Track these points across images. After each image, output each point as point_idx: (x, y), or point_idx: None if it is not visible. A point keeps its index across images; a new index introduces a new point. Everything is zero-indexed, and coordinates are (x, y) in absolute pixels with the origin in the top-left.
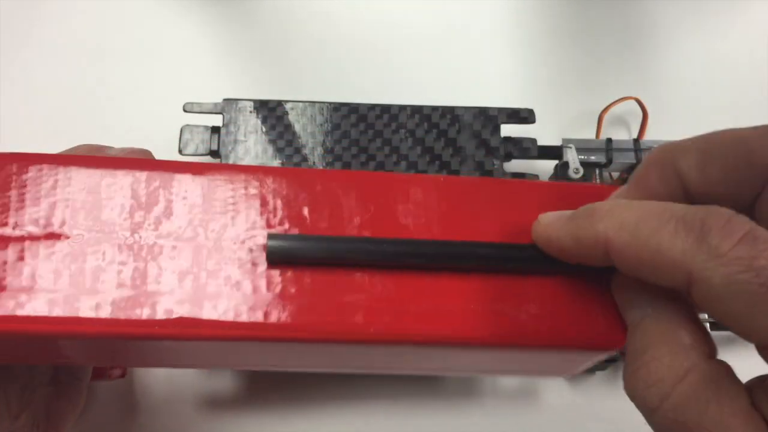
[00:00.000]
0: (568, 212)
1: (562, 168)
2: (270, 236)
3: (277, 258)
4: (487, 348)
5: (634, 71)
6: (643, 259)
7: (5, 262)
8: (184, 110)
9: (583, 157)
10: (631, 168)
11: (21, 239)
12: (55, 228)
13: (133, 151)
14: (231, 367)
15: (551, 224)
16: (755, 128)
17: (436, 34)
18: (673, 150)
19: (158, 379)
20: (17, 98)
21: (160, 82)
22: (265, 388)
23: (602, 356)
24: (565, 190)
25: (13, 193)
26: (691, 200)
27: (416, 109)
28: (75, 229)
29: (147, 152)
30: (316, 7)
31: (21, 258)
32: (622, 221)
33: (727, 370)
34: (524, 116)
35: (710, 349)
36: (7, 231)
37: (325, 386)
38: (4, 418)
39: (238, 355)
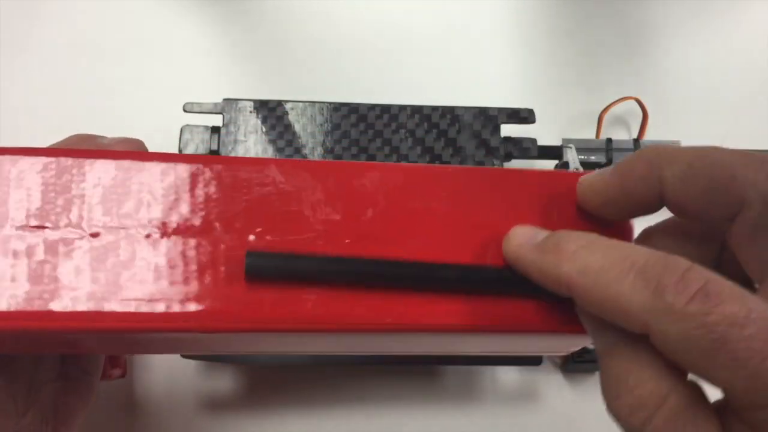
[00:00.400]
0: (539, 236)
1: (562, 168)
2: (249, 254)
3: (254, 275)
4: (467, 334)
5: (634, 71)
6: (604, 308)
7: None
8: (184, 110)
9: (583, 157)
10: None
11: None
12: (42, 222)
13: (125, 140)
14: (222, 352)
15: (521, 247)
16: (744, 156)
17: (436, 34)
18: (662, 155)
19: (158, 379)
20: (17, 98)
21: (160, 82)
22: (265, 388)
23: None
24: (550, 178)
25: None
26: (665, 205)
27: (416, 109)
28: (61, 223)
29: (140, 142)
30: (316, 7)
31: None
32: (585, 267)
33: (699, 393)
34: (524, 116)
35: (684, 371)
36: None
37: (325, 386)
38: (11, 415)
39: (228, 343)
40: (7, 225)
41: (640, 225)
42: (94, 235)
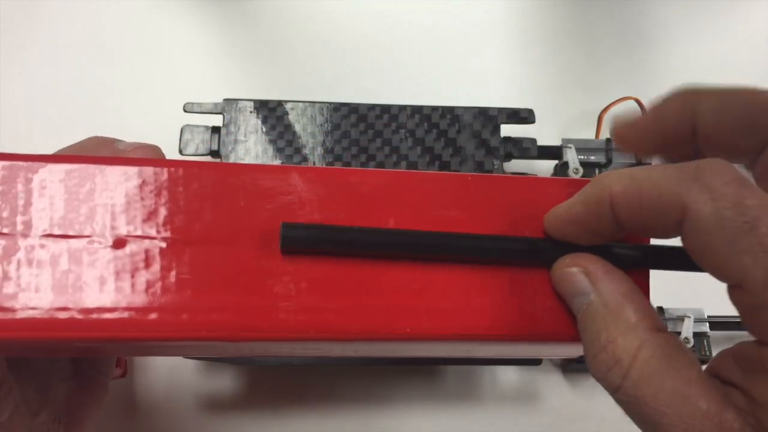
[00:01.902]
0: None
1: (562, 168)
2: (284, 225)
3: (290, 246)
4: (504, 342)
5: (634, 71)
6: (644, 199)
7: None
8: (185, 110)
9: (582, 157)
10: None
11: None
12: (66, 231)
13: (143, 146)
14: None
15: (561, 205)
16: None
17: (436, 34)
18: (697, 91)
19: (158, 379)
20: (17, 99)
21: (160, 82)
22: (265, 388)
23: None
24: (574, 185)
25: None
26: (696, 140)
27: (416, 109)
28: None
29: (157, 148)
30: (316, 6)
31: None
32: (622, 174)
33: (676, 342)
34: (524, 116)
35: (656, 323)
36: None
37: (325, 386)
38: (24, 415)
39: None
40: (31, 234)
41: None
42: (118, 245)
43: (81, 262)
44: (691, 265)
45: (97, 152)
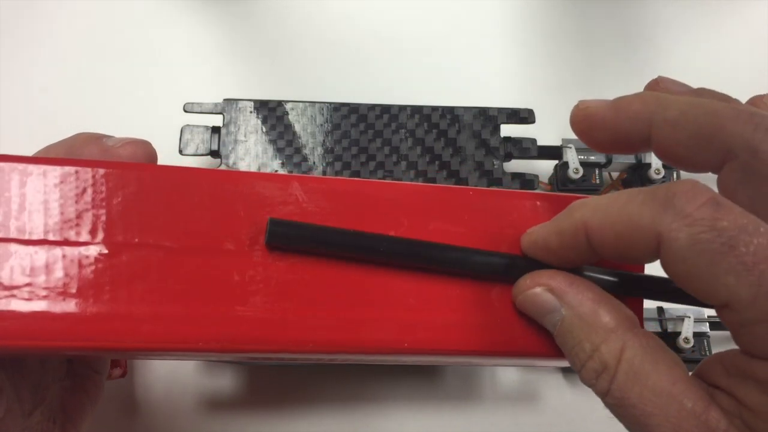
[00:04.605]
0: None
1: (562, 168)
2: (271, 221)
3: (276, 242)
4: (481, 357)
5: (634, 71)
6: (618, 231)
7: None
8: (185, 110)
9: (582, 157)
10: (630, 168)
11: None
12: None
13: (133, 141)
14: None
15: (536, 230)
16: (733, 108)
17: (436, 35)
18: (659, 99)
19: (159, 379)
20: (17, 98)
21: (160, 82)
22: (265, 387)
23: None
24: (556, 200)
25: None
26: (647, 148)
27: (416, 109)
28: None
29: (148, 143)
30: (316, 7)
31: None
32: (596, 205)
33: (658, 342)
34: (524, 116)
35: (633, 321)
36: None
37: (325, 386)
38: (17, 415)
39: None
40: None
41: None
42: (111, 253)
43: (62, 269)
44: (672, 295)
45: (85, 149)
